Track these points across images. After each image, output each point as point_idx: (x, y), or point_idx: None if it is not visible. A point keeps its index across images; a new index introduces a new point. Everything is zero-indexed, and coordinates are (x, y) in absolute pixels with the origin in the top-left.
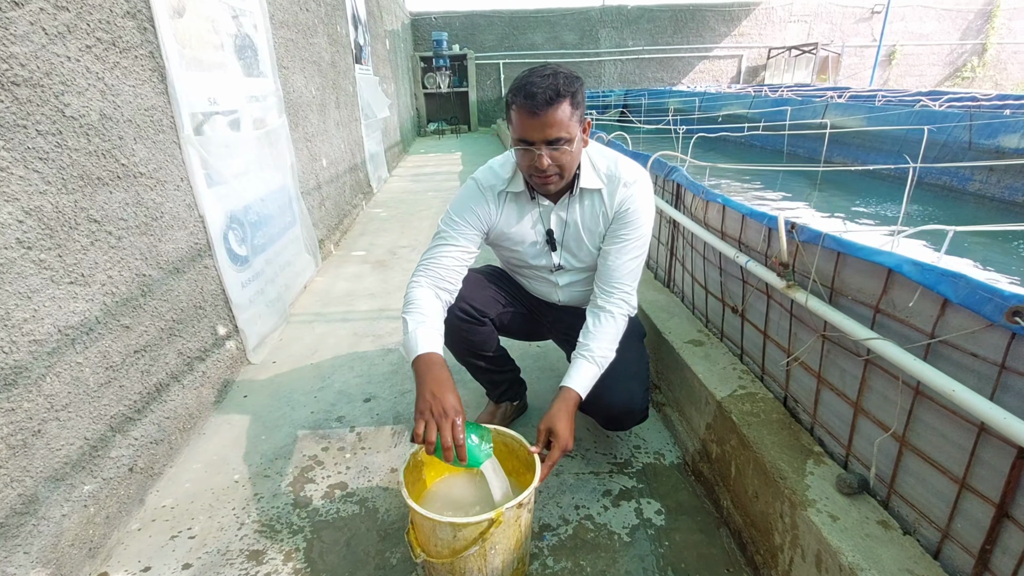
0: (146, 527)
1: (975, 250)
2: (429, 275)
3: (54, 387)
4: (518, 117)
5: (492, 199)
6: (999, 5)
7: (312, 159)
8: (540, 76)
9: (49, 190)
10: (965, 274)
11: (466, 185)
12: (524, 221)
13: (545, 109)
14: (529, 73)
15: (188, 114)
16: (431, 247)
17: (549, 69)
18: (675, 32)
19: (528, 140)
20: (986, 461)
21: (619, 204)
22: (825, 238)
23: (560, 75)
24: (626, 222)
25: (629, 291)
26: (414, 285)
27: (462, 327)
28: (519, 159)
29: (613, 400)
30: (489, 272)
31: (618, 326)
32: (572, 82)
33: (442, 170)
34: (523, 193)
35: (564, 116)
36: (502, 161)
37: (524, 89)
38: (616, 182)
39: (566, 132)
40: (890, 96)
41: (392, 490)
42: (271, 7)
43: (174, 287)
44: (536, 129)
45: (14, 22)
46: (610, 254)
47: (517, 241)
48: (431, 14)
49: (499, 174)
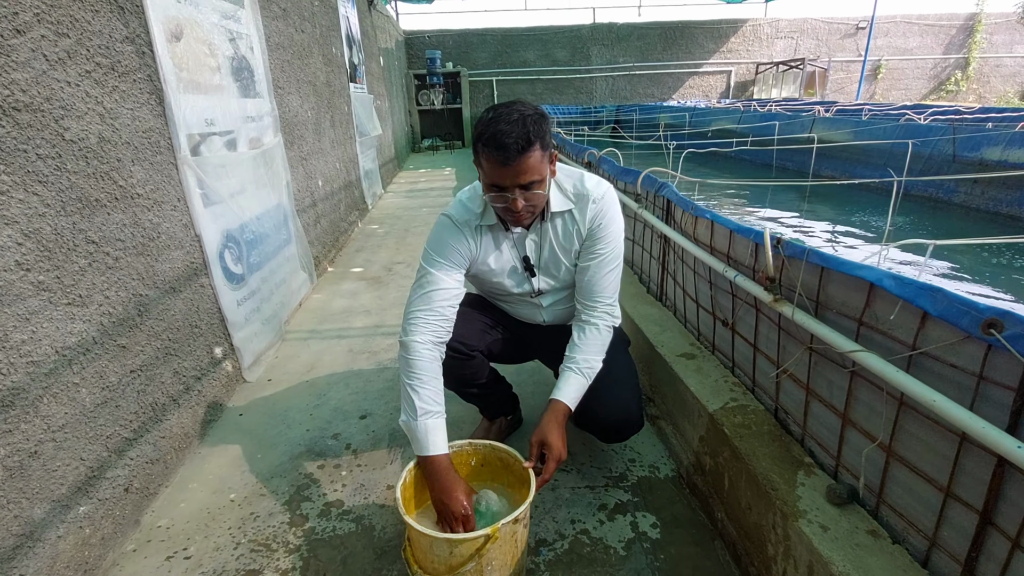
0: (141, 548)
1: (962, 261)
2: (428, 327)
3: (51, 408)
4: (489, 166)
5: (470, 234)
6: (980, 20)
7: (307, 177)
8: (508, 123)
9: (48, 212)
10: (943, 288)
11: (440, 223)
12: (501, 251)
13: (517, 158)
14: (496, 118)
15: (185, 135)
16: (422, 292)
17: (516, 112)
18: (665, 49)
19: (501, 186)
20: (969, 470)
21: (591, 220)
22: (810, 253)
23: (528, 119)
24: (599, 237)
25: (611, 303)
26: (415, 342)
27: (453, 364)
28: (492, 201)
29: (609, 413)
30: (473, 302)
31: (603, 337)
32: (540, 124)
33: (436, 186)
34: (496, 225)
35: (535, 161)
36: (470, 194)
37: (495, 140)
38: (585, 199)
39: (538, 175)
40: (876, 110)
41: (388, 507)
42: (267, 29)
43: (170, 306)
44: (509, 177)
45: (16, 49)
46: (588, 270)
47: (497, 272)
48: (425, 33)
49: (471, 208)
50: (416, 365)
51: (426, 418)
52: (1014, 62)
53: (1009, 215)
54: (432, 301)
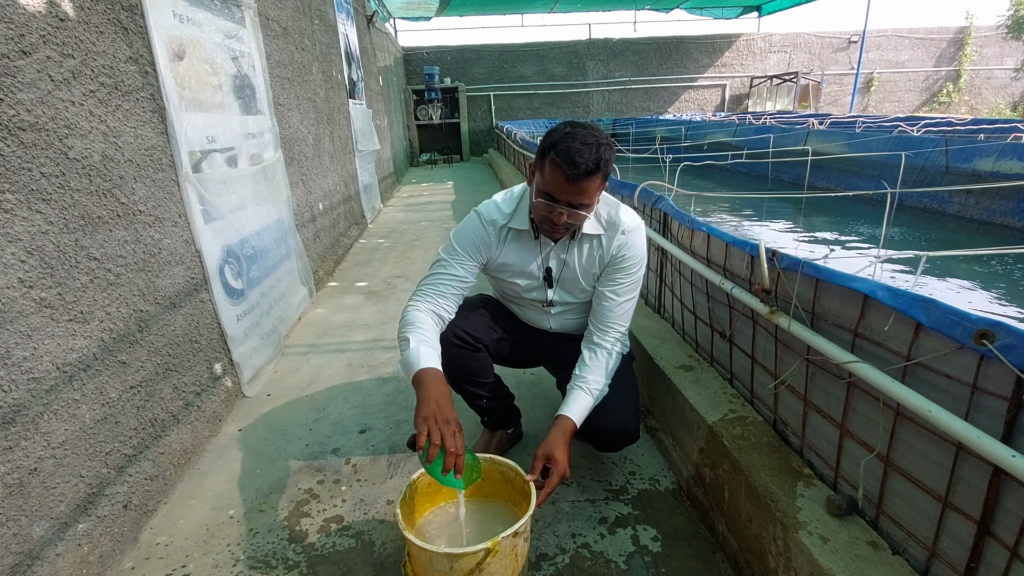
0: (140, 565)
1: (956, 271)
2: (426, 299)
3: (51, 425)
4: (552, 176)
5: (494, 233)
6: (971, 33)
7: (307, 192)
8: (584, 144)
9: (51, 230)
10: (935, 299)
11: (469, 217)
12: (525, 257)
13: (582, 179)
14: (573, 134)
15: (187, 152)
16: (430, 274)
17: (592, 136)
18: (660, 63)
19: (555, 198)
20: (966, 479)
21: (617, 249)
22: (804, 265)
23: (602, 146)
24: (622, 267)
25: (623, 330)
26: (412, 308)
27: (458, 353)
28: (538, 206)
29: (606, 423)
30: (482, 300)
31: (613, 362)
32: (610, 154)
33: (435, 200)
34: (527, 231)
35: (594, 187)
36: (505, 196)
37: (569, 154)
38: (615, 228)
39: (590, 199)
40: (869, 122)
41: (388, 522)
42: (268, 48)
43: (171, 322)
44: (566, 193)
45: (21, 70)
46: (605, 295)
47: (516, 274)
48: (423, 49)
49: (502, 209)
50: (411, 317)
51: (421, 345)
52: (1004, 74)
53: (1003, 225)
54: (438, 283)
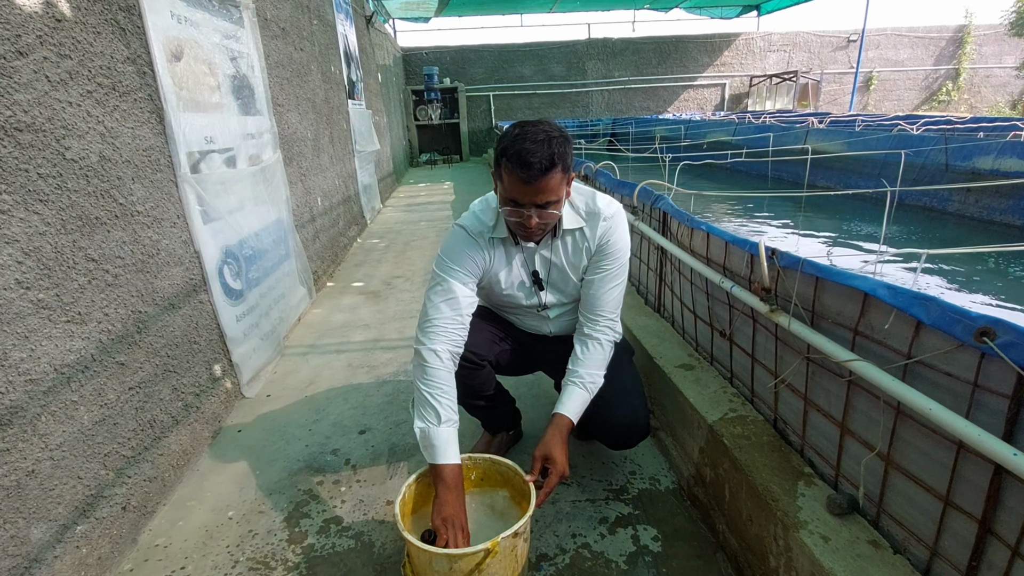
0: (139, 567)
1: (957, 269)
2: (447, 336)
3: (49, 426)
4: (510, 181)
5: (484, 244)
6: (970, 32)
7: (306, 193)
8: (534, 142)
9: (48, 231)
10: (936, 297)
11: (454, 232)
12: (511, 264)
13: (539, 177)
14: (522, 135)
15: (185, 153)
16: (439, 300)
17: (542, 132)
18: (659, 63)
19: (519, 202)
20: (967, 478)
21: (600, 237)
22: (804, 263)
23: (553, 140)
24: (607, 253)
25: (613, 318)
26: (433, 351)
27: (463, 373)
28: (507, 215)
29: (618, 419)
30: (481, 313)
31: (605, 352)
32: (564, 147)
33: (435, 200)
34: (507, 239)
35: (555, 183)
36: (482, 206)
37: (519, 156)
38: (596, 217)
39: (555, 196)
40: (869, 121)
41: (388, 523)
42: (267, 48)
43: (169, 323)
44: (528, 195)
45: (18, 71)
46: (593, 284)
47: (507, 285)
48: (422, 49)
49: (483, 221)
50: (435, 375)
51: (447, 426)
52: (1004, 72)
53: (1003, 223)
54: (450, 309)
